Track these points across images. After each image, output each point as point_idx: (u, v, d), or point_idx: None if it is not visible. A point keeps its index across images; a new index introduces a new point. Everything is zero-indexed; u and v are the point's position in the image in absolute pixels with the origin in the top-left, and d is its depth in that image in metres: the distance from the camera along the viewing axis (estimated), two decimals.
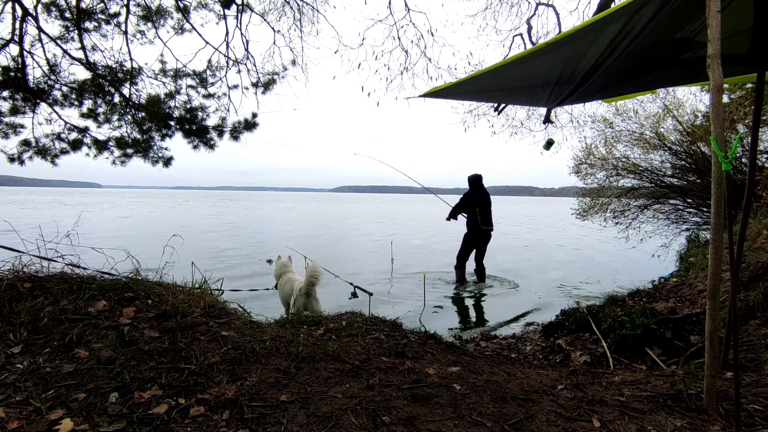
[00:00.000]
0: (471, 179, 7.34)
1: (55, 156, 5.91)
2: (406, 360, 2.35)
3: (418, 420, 1.71)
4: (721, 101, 1.72)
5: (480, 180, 7.34)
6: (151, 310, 2.42)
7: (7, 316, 2.19)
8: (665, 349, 2.99)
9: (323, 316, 3.23)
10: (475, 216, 7.17)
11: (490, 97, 4.43)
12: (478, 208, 7.16)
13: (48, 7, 5.44)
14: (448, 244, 10.95)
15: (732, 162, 1.68)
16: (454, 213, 7.35)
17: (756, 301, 3.11)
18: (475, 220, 7.17)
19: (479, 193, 7.24)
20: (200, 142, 6.37)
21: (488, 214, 7.29)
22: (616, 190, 10.51)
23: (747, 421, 1.75)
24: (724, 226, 1.81)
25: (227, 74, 6.68)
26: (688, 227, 9.70)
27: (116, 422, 1.59)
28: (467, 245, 7.25)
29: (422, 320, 5.00)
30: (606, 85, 2.81)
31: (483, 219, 7.17)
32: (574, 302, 4.93)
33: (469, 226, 7.25)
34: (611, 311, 3.70)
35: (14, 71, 5.33)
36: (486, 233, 7.23)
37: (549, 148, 6.88)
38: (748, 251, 4.43)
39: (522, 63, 2.51)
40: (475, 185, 7.27)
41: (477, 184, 7.28)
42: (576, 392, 2.02)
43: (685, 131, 8.98)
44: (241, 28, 6.87)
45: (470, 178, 7.37)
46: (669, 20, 2.08)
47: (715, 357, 1.78)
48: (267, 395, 1.83)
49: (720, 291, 1.90)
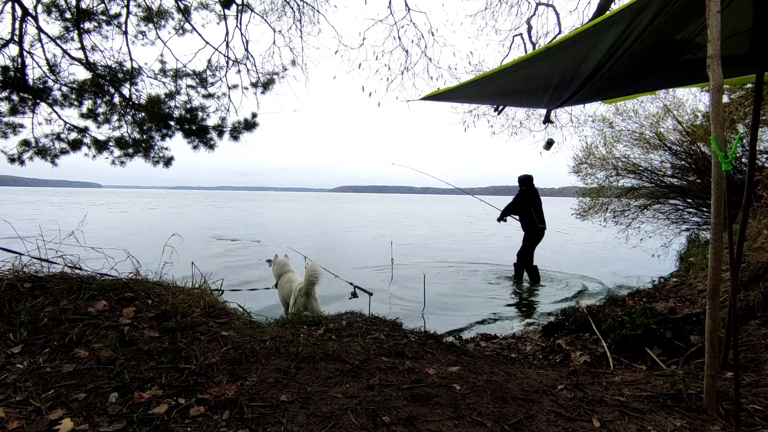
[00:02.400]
0: (524, 179, 7.42)
1: (55, 156, 5.92)
2: (406, 360, 2.34)
3: (418, 420, 1.71)
4: (721, 101, 1.72)
5: (532, 180, 7.45)
6: (151, 310, 2.41)
7: (7, 316, 2.19)
8: (665, 349, 2.99)
9: (323, 316, 3.23)
10: (531, 215, 7.23)
11: (490, 99, 4.44)
12: (533, 207, 7.24)
13: (48, 7, 5.45)
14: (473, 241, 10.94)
15: (732, 162, 1.67)
16: (506, 213, 7.43)
17: (756, 301, 3.11)
18: (531, 219, 7.23)
19: (532, 192, 7.32)
20: (200, 142, 6.37)
21: (542, 212, 7.39)
22: (616, 190, 10.51)
23: (747, 421, 1.75)
24: (724, 226, 1.81)
25: (227, 74, 6.70)
26: (688, 227, 9.70)
27: (116, 422, 1.59)
28: (529, 244, 7.30)
29: (422, 320, 5.00)
30: (606, 87, 2.82)
31: (539, 217, 7.26)
32: (575, 302, 4.93)
33: (527, 226, 7.30)
34: (611, 311, 3.70)
35: (14, 71, 5.33)
36: (542, 231, 7.31)
37: (549, 148, 6.91)
38: (748, 251, 4.44)
39: (522, 67, 2.51)
40: (528, 185, 7.36)
41: (530, 184, 7.38)
42: (576, 392, 2.02)
43: (685, 131, 8.98)
44: (241, 28, 6.88)
45: (523, 178, 7.44)
46: (669, 22, 2.08)
47: (715, 357, 1.78)
48: (267, 395, 1.83)
49: (720, 291, 1.90)
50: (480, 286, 7.17)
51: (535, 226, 7.21)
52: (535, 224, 7.21)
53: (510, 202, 7.43)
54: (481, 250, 11.52)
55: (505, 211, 7.43)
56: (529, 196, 7.28)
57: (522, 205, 7.30)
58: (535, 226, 7.21)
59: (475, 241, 14.18)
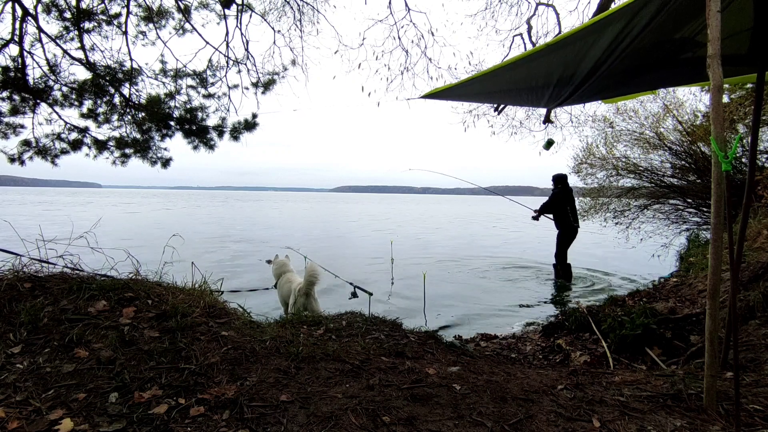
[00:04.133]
0: (559, 178, 7.43)
1: (56, 156, 5.92)
2: (406, 360, 2.34)
3: (418, 420, 1.71)
4: (721, 101, 1.72)
5: (566, 178, 7.49)
6: (151, 310, 2.41)
7: (7, 316, 2.19)
8: (665, 349, 2.99)
9: (323, 316, 3.23)
10: (566, 214, 7.24)
11: (490, 98, 4.43)
12: (569, 206, 7.26)
13: (48, 7, 5.44)
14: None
15: (732, 162, 1.67)
16: (543, 212, 7.44)
17: (756, 301, 3.11)
18: (566, 218, 7.24)
19: (566, 190, 7.35)
20: (200, 143, 6.37)
21: (576, 211, 7.43)
22: (616, 190, 10.50)
23: (747, 421, 1.75)
24: (724, 226, 1.81)
25: (227, 74, 6.70)
26: (688, 227, 9.69)
27: (116, 422, 1.59)
28: (564, 243, 7.31)
29: (422, 320, 5.00)
30: (606, 86, 2.81)
31: (573, 216, 7.29)
32: (575, 302, 4.93)
33: (562, 224, 7.31)
34: (611, 311, 3.70)
35: (14, 71, 5.33)
36: (576, 230, 7.33)
37: (549, 148, 6.90)
38: (748, 251, 4.43)
39: (522, 64, 2.51)
40: (563, 183, 7.38)
41: (564, 183, 7.41)
42: (576, 392, 2.02)
43: (685, 131, 8.97)
44: (241, 28, 6.88)
45: (558, 177, 7.45)
46: (669, 20, 2.08)
47: (715, 357, 1.78)
48: (267, 395, 1.83)
49: (720, 291, 1.90)
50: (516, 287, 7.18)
51: (570, 225, 7.22)
52: (570, 223, 7.22)
53: (546, 201, 7.44)
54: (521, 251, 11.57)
55: (541, 210, 7.44)
56: (565, 195, 7.29)
57: (558, 204, 7.30)
58: (570, 225, 7.22)
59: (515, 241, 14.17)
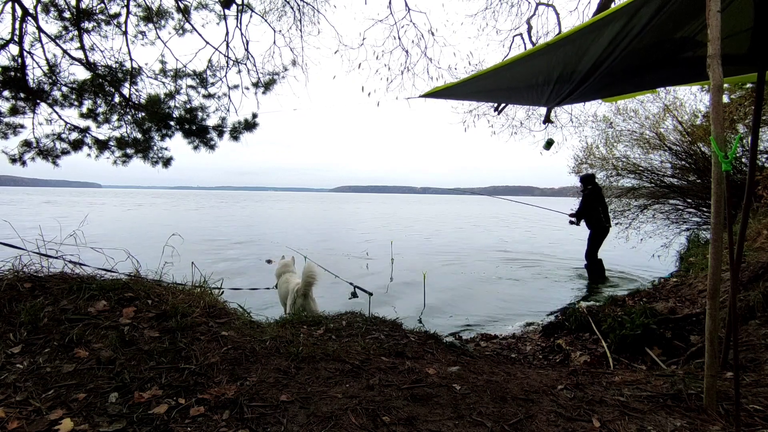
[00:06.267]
0: (588, 178, 7.44)
1: (57, 156, 5.91)
2: (406, 360, 2.34)
3: (418, 420, 1.71)
4: (721, 101, 1.72)
5: (594, 178, 7.52)
6: (151, 310, 2.41)
7: (7, 316, 2.19)
8: (665, 349, 2.99)
9: (323, 316, 3.23)
10: (598, 214, 7.24)
11: (490, 96, 4.43)
12: (600, 206, 7.26)
13: (47, 7, 5.44)
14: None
15: (732, 162, 1.67)
16: (580, 215, 7.39)
17: (756, 301, 3.11)
18: (598, 218, 7.24)
19: (596, 190, 7.35)
20: (200, 143, 6.37)
21: (607, 211, 7.43)
22: (616, 190, 10.50)
23: (747, 421, 1.75)
24: (724, 226, 1.81)
25: (227, 74, 6.70)
26: (688, 227, 9.68)
27: (116, 422, 1.59)
28: (596, 242, 7.31)
29: (422, 320, 5.00)
30: (606, 84, 2.81)
31: (605, 216, 7.29)
32: (576, 302, 4.93)
33: (594, 224, 7.30)
34: (611, 311, 3.70)
35: (14, 71, 5.33)
36: (608, 230, 7.33)
37: (549, 148, 6.89)
38: (748, 251, 4.43)
39: (522, 63, 2.51)
40: (592, 184, 7.39)
41: (594, 183, 7.42)
42: (576, 392, 2.02)
43: (685, 131, 8.97)
44: (241, 28, 6.88)
45: (587, 177, 7.46)
46: (669, 20, 2.08)
47: (715, 357, 1.78)
48: (267, 395, 1.83)
49: (720, 291, 1.90)
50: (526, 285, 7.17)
51: (602, 225, 7.22)
52: (602, 223, 7.21)
53: (579, 207, 7.42)
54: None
55: (578, 217, 7.41)
56: (595, 195, 7.28)
57: (590, 205, 7.28)
58: (602, 225, 7.22)
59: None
